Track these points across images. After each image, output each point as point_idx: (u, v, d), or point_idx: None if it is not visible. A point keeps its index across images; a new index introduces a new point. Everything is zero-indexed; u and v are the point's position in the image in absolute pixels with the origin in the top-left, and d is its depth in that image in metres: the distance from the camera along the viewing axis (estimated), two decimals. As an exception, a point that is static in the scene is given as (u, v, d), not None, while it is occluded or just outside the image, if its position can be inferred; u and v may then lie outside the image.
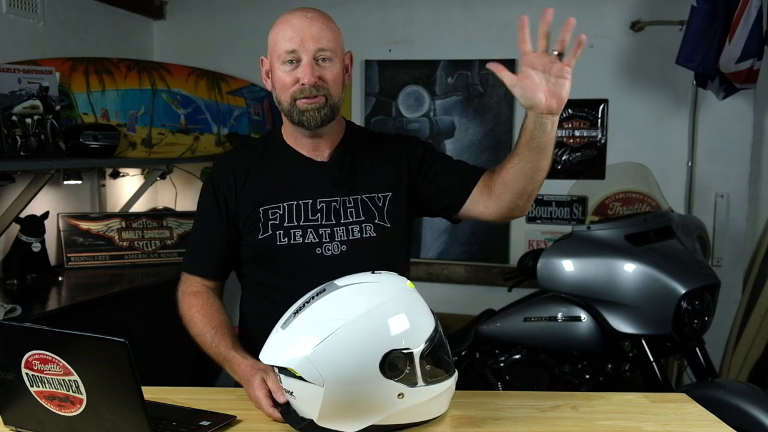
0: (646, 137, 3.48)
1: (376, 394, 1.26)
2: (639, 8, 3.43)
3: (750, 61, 2.85)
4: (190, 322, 1.61)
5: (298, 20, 1.53)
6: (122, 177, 3.52)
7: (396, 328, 1.27)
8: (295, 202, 1.58)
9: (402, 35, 3.64)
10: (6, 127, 2.59)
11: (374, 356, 1.24)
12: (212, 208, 1.63)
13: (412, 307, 1.31)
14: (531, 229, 3.61)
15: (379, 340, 1.25)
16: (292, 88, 1.53)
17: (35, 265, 2.84)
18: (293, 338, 1.27)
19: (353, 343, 1.24)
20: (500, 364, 2.69)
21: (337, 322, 1.25)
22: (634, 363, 2.57)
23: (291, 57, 1.52)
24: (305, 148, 1.63)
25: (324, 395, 1.23)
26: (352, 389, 1.24)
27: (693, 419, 1.44)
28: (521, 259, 2.76)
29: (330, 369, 1.23)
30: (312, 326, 1.26)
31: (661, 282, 2.45)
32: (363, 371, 1.24)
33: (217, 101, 3.55)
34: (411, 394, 1.28)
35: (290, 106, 1.54)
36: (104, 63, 3.12)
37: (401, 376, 1.26)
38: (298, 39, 1.51)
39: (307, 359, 1.23)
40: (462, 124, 3.63)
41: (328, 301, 1.30)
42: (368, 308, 1.27)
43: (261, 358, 1.32)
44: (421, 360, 1.28)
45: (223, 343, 1.54)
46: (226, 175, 1.63)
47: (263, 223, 1.58)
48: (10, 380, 1.21)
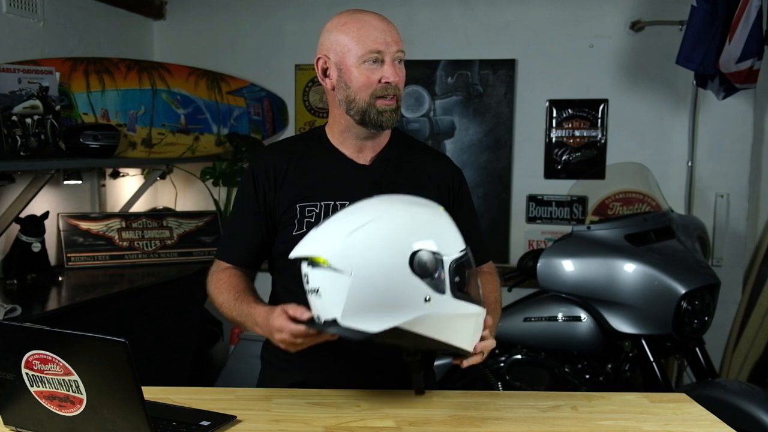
0: (646, 137, 3.48)
1: (402, 291, 1.25)
2: (639, 8, 3.43)
3: (750, 61, 2.85)
4: (216, 294, 1.61)
5: (377, 21, 1.56)
6: (122, 177, 3.52)
7: (428, 231, 1.29)
8: (333, 202, 1.58)
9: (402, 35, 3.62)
10: (6, 127, 2.59)
11: (404, 250, 1.25)
12: (251, 199, 1.64)
13: (445, 221, 1.34)
14: (531, 229, 3.61)
15: (410, 235, 1.27)
16: (377, 86, 1.54)
17: (35, 265, 2.84)
18: (326, 231, 1.31)
19: (384, 235, 1.26)
20: (500, 364, 2.69)
21: (370, 216, 1.29)
22: (634, 363, 2.58)
23: (375, 57, 1.53)
24: (349, 150, 1.63)
25: (351, 286, 1.24)
26: (380, 282, 1.24)
27: (693, 419, 1.44)
28: (521, 259, 2.77)
29: (359, 258, 1.24)
30: (346, 220, 1.30)
31: (661, 282, 2.45)
32: (392, 263, 1.25)
33: (217, 101, 3.55)
34: (438, 302, 1.27)
35: (368, 105, 1.55)
36: (104, 63, 3.12)
37: (430, 279, 1.26)
38: (383, 39, 1.53)
39: (337, 248, 1.25)
40: (462, 124, 3.63)
41: (363, 204, 1.35)
42: (403, 209, 1.32)
43: (291, 253, 1.34)
44: (451, 270, 1.28)
45: (245, 303, 1.54)
46: (266, 168, 1.63)
47: (299, 219, 1.59)
48: (10, 380, 1.21)
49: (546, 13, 3.53)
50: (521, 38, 3.55)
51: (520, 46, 3.56)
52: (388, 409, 1.46)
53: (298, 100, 3.79)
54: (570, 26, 3.51)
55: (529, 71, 3.56)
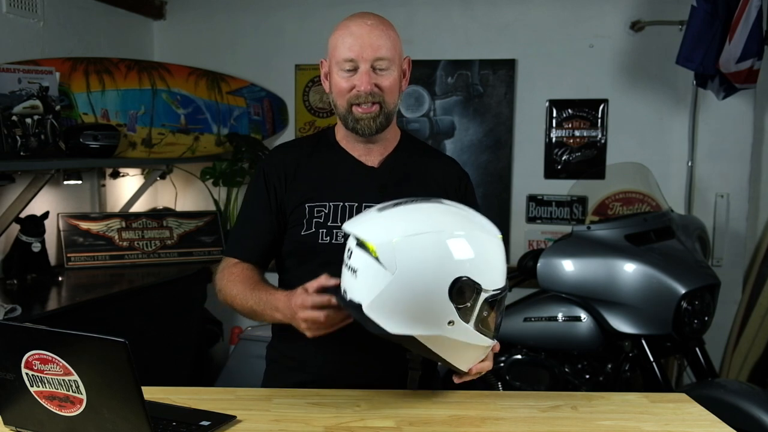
0: (646, 137, 3.48)
1: (432, 308, 1.28)
2: (639, 8, 3.43)
3: (750, 61, 2.85)
4: (229, 287, 1.58)
5: (358, 27, 1.55)
6: (122, 177, 3.52)
7: (479, 260, 1.30)
8: (341, 203, 1.59)
9: (402, 35, 3.62)
10: (6, 127, 2.59)
11: (451, 273, 1.27)
12: (261, 196, 1.64)
13: (499, 256, 1.35)
14: (531, 229, 3.61)
15: (462, 263, 1.28)
16: (349, 94, 1.55)
17: (35, 265, 2.84)
18: (386, 221, 1.31)
19: (439, 252, 1.27)
20: (500, 364, 2.69)
21: (434, 226, 1.29)
22: (634, 363, 2.58)
23: (349, 65, 1.54)
24: (357, 152, 1.64)
25: (388, 283, 1.25)
26: (416, 292, 1.26)
27: (693, 419, 1.44)
28: (521, 259, 2.77)
29: (407, 263, 1.25)
30: (409, 220, 1.30)
31: (661, 282, 2.45)
32: (434, 281, 1.26)
33: (217, 101, 3.55)
34: (458, 328, 1.30)
35: (346, 112, 1.57)
36: (104, 63, 3.12)
37: (461, 306, 1.29)
38: (357, 47, 1.53)
39: (392, 244, 1.26)
40: (462, 124, 3.63)
41: (433, 208, 1.35)
42: (466, 230, 1.31)
43: (345, 225, 1.35)
44: (483, 303, 1.31)
45: (262, 291, 1.53)
46: (276, 166, 1.64)
47: (308, 219, 1.59)
48: (10, 380, 1.21)
49: (546, 13, 3.53)
50: (521, 38, 3.55)
51: (520, 46, 3.56)
52: (388, 409, 1.46)
53: (298, 100, 3.79)
54: (570, 26, 3.51)
55: (529, 71, 3.56)
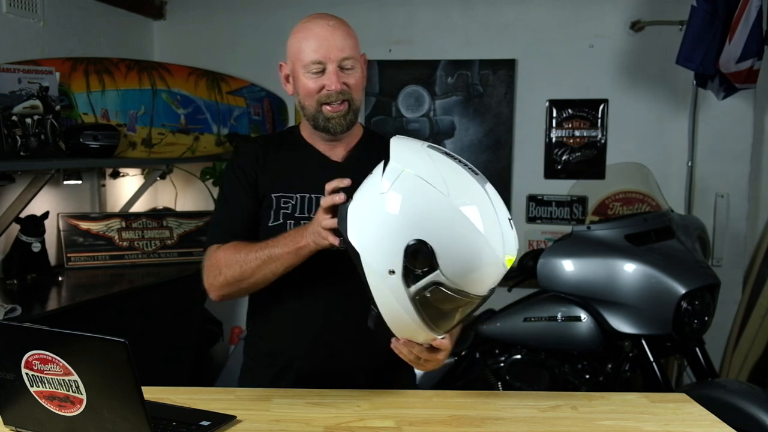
0: (646, 137, 3.48)
1: (387, 246, 1.24)
2: (639, 8, 3.43)
3: (750, 61, 2.85)
4: (225, 262, 1.55)
5: (321, 29, 1.56)
6: (122, 177, 3.52)
7: (459, 254, 1.22)
8: (308, 195, 1.62)
9: (402, 35, 3.65)
10: (6, 127, 2.59)
11: (422, 233, 1.21)
12: (237, 183, 1.65)
13: (486, 269, 1.24)
14: (531, 229, 3.61)
15: (440, 235, 1.21)
16: (319, 94, 1.58)
17: (35, 265, 2.84)
18: (420, 156, 1.27)
19: (431, 210, 1.22)
20: (500, 364, 2.69)
21: (450, 193, 1.22)
22: (634, 363, 2.58)
23: (316, 67, 1.56)
24: (322, 147, 1.68)
25: (373, 197, 1.27)
26: (384, 221, 1.24)
27: (693, 419, 1.44)
28: (521, 259, 2.76)
29: (399, 193, 1.23)
30: (440, 169, 1.24)
31: (661, 282, 2.45)
32: (404, 226, 1.22)
33: (217, 101, 3.55)
34: (394, 285, 1.24)
35: (316, 112, 1.60)
36: (104, 63, 3.12)
37: (409, 267, 1.23)
38: (324, 50, 1.55)
39: (401, 171, 1.25)
40: (462, 124, 3.63)
41: (472, 181, 1.26)
42: (474, 216, 1.22)
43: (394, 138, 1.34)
44: (431, 283, 1.23)
45: (272, 240, 1.52)
46: (249, 156, 1.67)
47: (275, 210, 1.62)
48: (10, 380, 1.21)
49: (546, 13, 3.53)
50: (521, 38, 3.55)
51: (520, 46, 3.56)
52: (388, 409, 1.47)
53: (298, 100, 3.78)
54: (570, 26, 3.51)
55: (529, 71, 3.56)
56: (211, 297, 1.62)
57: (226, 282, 1.56)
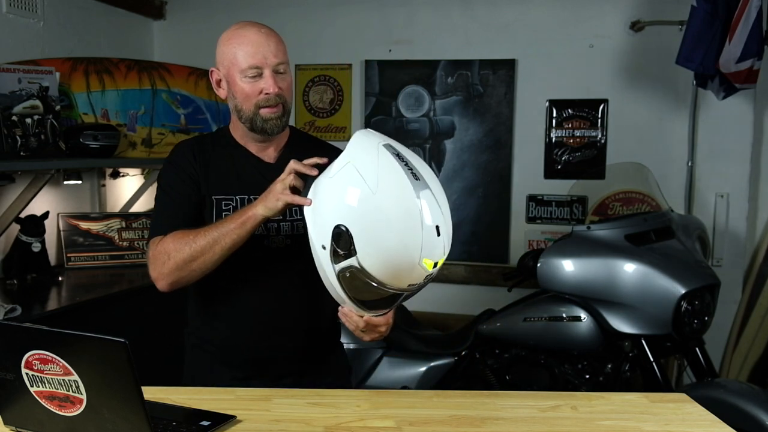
0: (646, 137, 3.48)
1: (321, 215, 1.39)
2: (639, 8, 3.43)
3: (750, 61, 2.85)
4: (172, 246, 1.58)
5: (256, 36, 1.65)
6: (122, 177, 3.52)
7: (379, 244, 1.34)
8: (247, 196, 1.68)
9: (402, 35, 3.65)
10: (6, 127, 2.59)
11: (350, 216, 1.34)
12: (177, 177, 1.69)
13: (403, 264, 1.35)
14: (531, 229, 3.61)
15: (366, 223, 1.34)
16: (257, 98, 1.65)
17: (35, 265, 2.84)
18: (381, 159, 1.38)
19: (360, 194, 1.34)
20: (500, 364, 2.69)
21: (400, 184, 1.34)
22: (634, 363, 2.58)
23: (253, 72, 1.63)
24: (254, 148, 1.74)
25: (340, 167, 1.40)
26: (333, 193, 1.39)
27: (693, 419, 1.44)
28: (521, 259, 2.77)
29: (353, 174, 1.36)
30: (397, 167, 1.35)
31: (661, 282, 2.45)
32: (338, 202, 1.37)
33: (217, 101, 3.55)
34: (324, 259, 1.39)
35: (253, 115, 1.66)
36: (104, 63, 3.13)
37: (332, 248, 1.37)
38: (260, 55, 1.63)
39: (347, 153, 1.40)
40: (462, 124, 3.63)
41: (431, 177, 1.39)
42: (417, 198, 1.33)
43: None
44: (348, 268, 1.36)
45: (214, 223, 1.59)
46: (185, 154, 1.72)
47: (216, 213, 1.67)
48: (10, 380, 1.21)
49: (546, 13, 3.53)
50: (521, 38, 3.55)
51: (520, 46, 3.56)
52: (388, 409, 1.47)
53: (298, 100, 3.79)
54: (570, 26, 3.51)
55: (529, 71, 3.56)
56: (160, 287, 1.62)
57: (176, 266, 1.58)
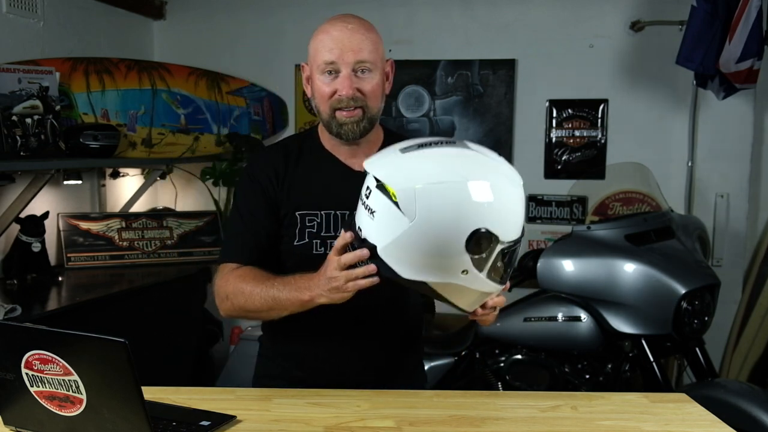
0: (646, 137, 3.48)
1: (448, 258, 1.26)
2: (639, 8, 3.43)
3: (750, 61, 2.85)
4: (237, 288, 1.50)
5: (338, 31, 1.51)
6: (122, 177, 3.52)
7: (498, 211, 1.26)
8: (333, 211, 1.56)
9: (402, 35, 3.65)
10: (6, 127, 2.59)
11: (470, 225, 1.24)
12: (253, 197, 1.59)
13: (519, 207, 1.31)
14: (531, 229, 3.61)
15: (482, 214, 1.24)
16: (331, 99, 1.52)
17: (35, 265, 2.84)
18: (409, 164, 1.27)
19: (460, 203, 1.23)
20: (500, 364, 2.68)
21: (457, 175, 1.25)
22: (634, 363, 2.58)
23: (330, 68, 1.51)
24: (343, 155, 1.61)
25: (405, 230, 1.24)
26: (432, 241, 1.24)
27: (693, 419, 1.44)
28: (521, 259, 2.76)
29: (427, 212, 1.23)
30: (432, 165, 1.26)
31: (661, 282, 2.45)
32: (453, 231, 1.24)
33: (217, 101, 3.55)
34: (471, 277, 1.28)
35: (329, 117, 1.54)
36: (104, 63, 3.12)
37: (477, 257, 1.26)
38: (338, 50, 1.49)
39: (413, 190, 1.23)
40: (462, 124, 3.63)
41: (456, 153, 1.30)
42: (490, 177, 1.27)
43: (366, 164, 1.31)
44: (498, 254, 1.28)
45: (283, 277, 1.47)
46: (265, 167, 1.60)
47: (300, 229, 1.57)
48: (10, 380, 1.21)
49: (546, 13, 3.53)
50: (521, 38, 3.55)
51: (520, 46, 3.56)
52: (388, 409, 1.47)
53: (298, 100, 3.79)
54: (570, 26, 3.51)
55: (529, 71, 3.56)
56: (221, 314, 1.57)
57: (232, 308, 1.52)
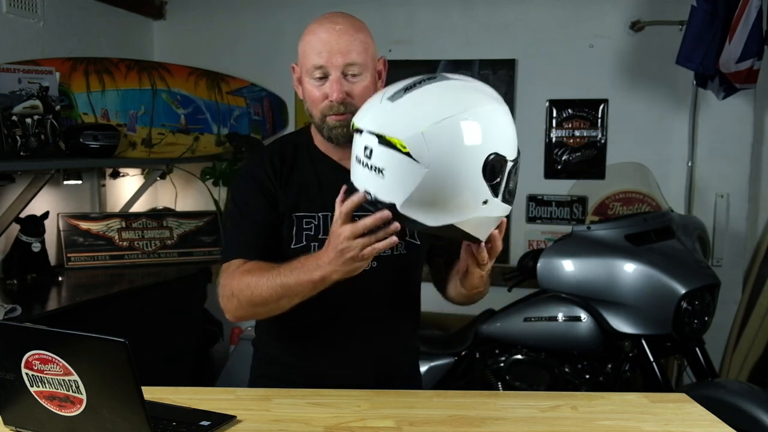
0: (646, 137, 3.47)
1: (468, 192, 1.23)
2: (639, 8, 3.43)
3: (750, 61, 2.85)
4: (242, 282, 1.45)
5: (326, 33, 1.47)
6: (122, 177, 3.52)
7: (503, 134, 1.25)
8: (330, 213, 1.48)
9: (402, 35, 3.64)
10: (6, 127, 2.59)
11: (482, 153, 1.21)
12: (254, 194, 1.55)
13: (511, 123, 1.29)
14: (531, 229, 3.61)
15: (489, 139, 1.22)
16: (322, 104, 1.49)
17: (35, 265, 2.84)
18: (404, 112, 1.22)
19: (467, 133, 1.20)
20: (500, 364, 2.68)
21: (455, 108, 1.21)
22: (634, 363, 2.58)
23: (319, 72, 1.47)
24: (337, 155, 1.57)
25: (423, 179, 1.19)
26: (452, 181, 1.21)
27: (693, 419, 1.44)
28: (521, 259, 2.77)
29: (439, 152, 1.19)
30: (428, 105, 1.22)
31: (661, 282, 2.45)
32: (469, 165, 1.21)
33: (217, 101, 3.56)
34: (491, 205, 1.25)
35: (320, 121, 1.51)
36: (104, 63, 3.13)
37: (493, 182, 1.23)
38: (326, 54, 1.45)
39: (421, 135, 1.18)
40: (462, 124, 3.63)
41: (443, 87, 1.26)
42: (483, 103, 1.25)
43: (357, 121, 1.25)
44: (509, 174, 1.26)
45: (289, 264, 1.41)
46: (264, 165, 1.57)
47: (297, 232, 1.54)
48: (10, 380, 1.21)
49: (546, 13, 3.53)
50: (521, 38, 3.55)
51: (520, 46, 3.56)
52: (388, 409, 1.47)
53: (298, 100, 3.78)
54: (570, 26, 3.51)
55: (529, 71, 3.56)
56: (227, 317, 1.53)
57: (239, 306, 1.47)
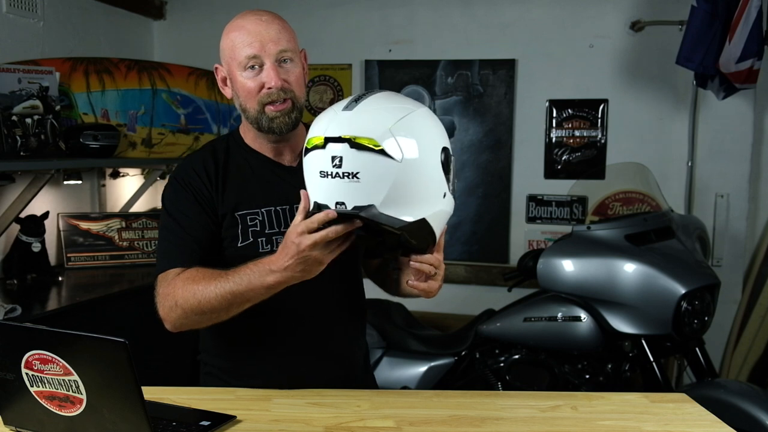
0: (646, 137, 3.48)
1: (433, 185, 1.29)
2: (639, 8, 3.43)
3: (750, 61, 2.85)
4: (185, 291, 1.40)
5: (254, 24, 1.48)
6: (122, 177, 3.52)
7: (443, 132, 1.33)
8: (273, 207, 1.53)
9: (402, 35, 3.64)
10: (6, 127, 2.59)
11: (438, 144, 1.29)
12: (188, 201, 1.52)
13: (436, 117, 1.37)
14: (531, 229, 3.61)
15: (440, 134, 1.32)
16: (259, 95, 1.48)
17: (35, 265, 2.84)
18: (364, 116, 1.26)
19: (425, 129, 1.28)
20: (500, 364, 2.69)
21: (405, 109, 1.28)
22: (634, 363, 2.58)
23: (253, 62, 1.47)
24: (270, 152, 1.58)
25: (398, 173, 1.22)
26: (421, 173, 1.26)
27: (693, 419, 1.45)
28: (521, 259, 2.77)
29: (407, 146, 1.23)
30: (380, 109, 1.27)
31: (661, 282, 2.45)
32: (430, 156, 1.27)
33: (217, 101, 3.56)
34: (448, 199, 1.33)
35: (258, 113, 1.50)
36: (104, 63, 3.13)
37: (447, 175, 1.31)
38: (258, 43, 1.46)
39: (390, 132, 1.23)
40: (462, 124, 3.63)
41: (384, 95, 1.32)
42: (421, 107, 1.32)
43: (320, 134, 1.24)
44: (453, 169, 1.33)
45: (238, 270, 1.38)
46: (197, 170, 1.54)
47: (242, 229, 1.52)
48: (10, 380, 1.21)
49: (546, 13, 3.53)
50: (521, 38, 3.55)
51: (520, 46, 3.56)
52: (388, 409, 1.47)
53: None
54: (570, 26, 3.51)
55: (529, 71, 3.56)
56: (167, 327, 1.47)
57: (183, 314, 1.42)
